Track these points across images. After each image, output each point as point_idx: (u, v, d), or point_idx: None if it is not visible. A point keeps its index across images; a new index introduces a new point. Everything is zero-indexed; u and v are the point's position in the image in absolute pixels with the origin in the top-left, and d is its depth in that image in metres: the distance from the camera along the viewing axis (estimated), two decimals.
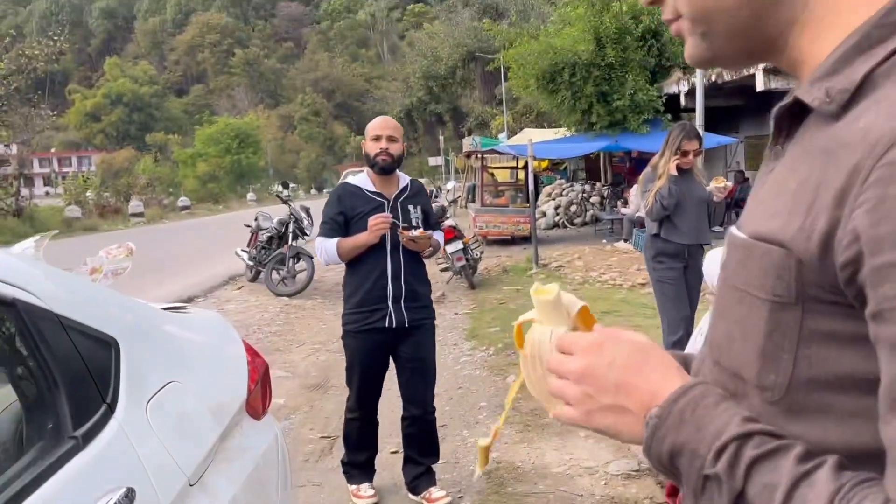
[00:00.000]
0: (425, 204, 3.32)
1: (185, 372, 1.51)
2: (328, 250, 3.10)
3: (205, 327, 1.84)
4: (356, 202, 3.13)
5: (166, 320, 1.65)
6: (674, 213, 4.30)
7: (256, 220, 10.29)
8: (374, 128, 3.17)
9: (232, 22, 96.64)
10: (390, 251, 3.10)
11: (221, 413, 1.56)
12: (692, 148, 4.29)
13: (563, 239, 14.58)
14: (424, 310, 3.23)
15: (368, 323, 3.08)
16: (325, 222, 3.17)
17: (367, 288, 3.07)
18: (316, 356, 6.23)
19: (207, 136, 48.02)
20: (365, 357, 3.16)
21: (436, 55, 41.54)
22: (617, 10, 15.05)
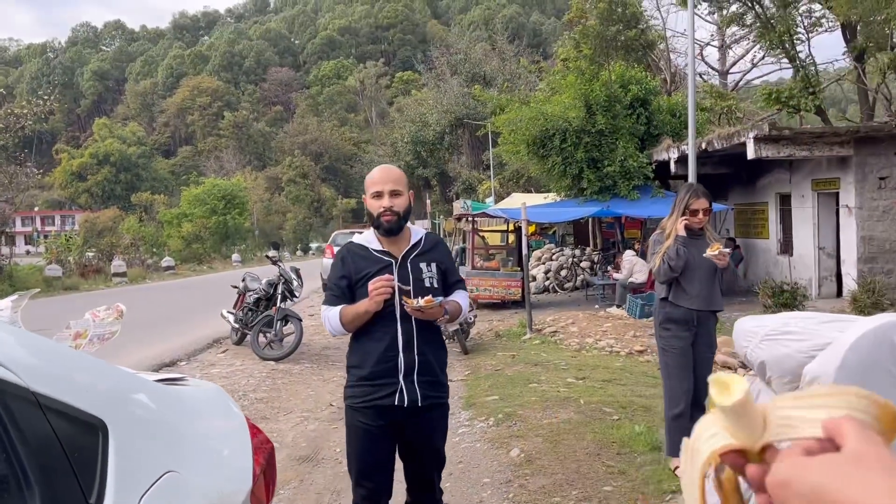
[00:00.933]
0: (442, 260, 2.85)
1: (183, 459, 1.27)
2: (331, 320, 2.71)
3: (205, 403, 1.59)
4: (361, 263, 2.73)
5: (163, 396, 1.42)
6: (683, 276, 4.12)
7: (244, 281, 10.04)
8: (373, 182, 2.73)
9: (222, 86, 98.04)
10: (400, 318, 2.68)
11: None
12: (701, 207, 4.13)
13: (553, 303, 14.39)
14: (440, 387, 2.78)
15: (375, 399, 2.65)
16: (329, 288, 2.80)
17: (375, 360, 2.65)
18: (304, 425, 5.91)
19: (194, 196, 47.92)
20: (368, 440, 2.69)
21: (424, 121, 42.17)
22: (606, 79, 15.33)
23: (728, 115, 19.83)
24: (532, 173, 18.83)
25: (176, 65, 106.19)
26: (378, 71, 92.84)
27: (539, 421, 5.32)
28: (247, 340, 9.37)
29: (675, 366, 4.17)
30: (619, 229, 17.49)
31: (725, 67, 26.39)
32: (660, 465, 4.20)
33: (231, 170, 71.04)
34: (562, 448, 4.63)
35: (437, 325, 2.79)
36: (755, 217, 15.54)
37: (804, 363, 2.24)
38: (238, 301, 10.07)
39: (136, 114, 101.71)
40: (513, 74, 35.74)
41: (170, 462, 1.22)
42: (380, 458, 2.73)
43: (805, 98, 14.72)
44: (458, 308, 2.82)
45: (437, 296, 2.69)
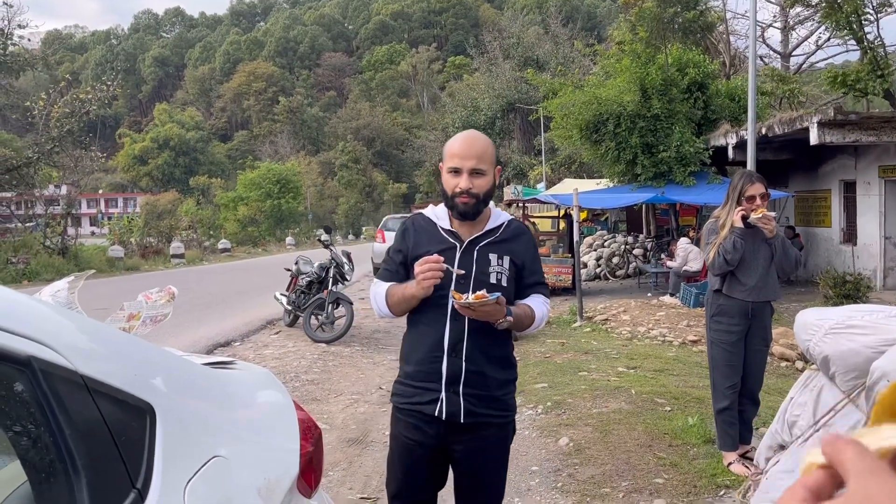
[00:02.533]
0: (521, 255, 2.32)
1: (230, 444, 1.28)
2: (377, 298, 2.31)
3: (253, 388, 1.60)
4: (423, 239, 2.30)
5: (211, 380, 1.42)
6: (738, 268, 3.97)
7: (297, 265, 10.18)
8: (453, 154, 2.22)
9: (277, 71, 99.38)
10: (451, 313, 2.20)
11: (271, 494, 1.31)
12: (757, 192, 3.89)
13: (604, 291, 14.20)
14: (495, 403, 2.23)
15: (414, 402, 2.24)
16: (384, 261, 2.41)
17: (419, 358, 2.24)
18: (354, 408, 5.97)
19: (249, 180, 48.79)
20: (407, 452, 2.26)
21: (475, 105, 41.99)
22: (662, 62, 14.96)
23: (790, 100, 19.14)
24: (584, 159, 18.56)
25: (233, 50, 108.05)
26: (430, 56, 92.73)
27: (589, 410, 5.25)
28: (299, 322, 9.52)
29: (722, 360, 4.06)
30: (674, 216, 17.12)
31: (788, 50, 25.45)
32: (713, 458, 4.10)
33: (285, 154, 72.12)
34: (612, 438, 4.57)
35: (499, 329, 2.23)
36: (817, 205, 15.01)
37: (872, 359, 2.14)
38: (291, 284, 10.22)
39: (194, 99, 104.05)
40: (566, 58, 35.24)
41: (216, 447, 1.23)
42: (420, 483, 2.30)
43: (873, 81, 14.05)
44: (528, 315, 2.27)
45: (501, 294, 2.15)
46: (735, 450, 4.02)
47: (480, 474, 2.28)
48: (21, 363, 0.90)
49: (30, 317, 0.98)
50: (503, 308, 2.15)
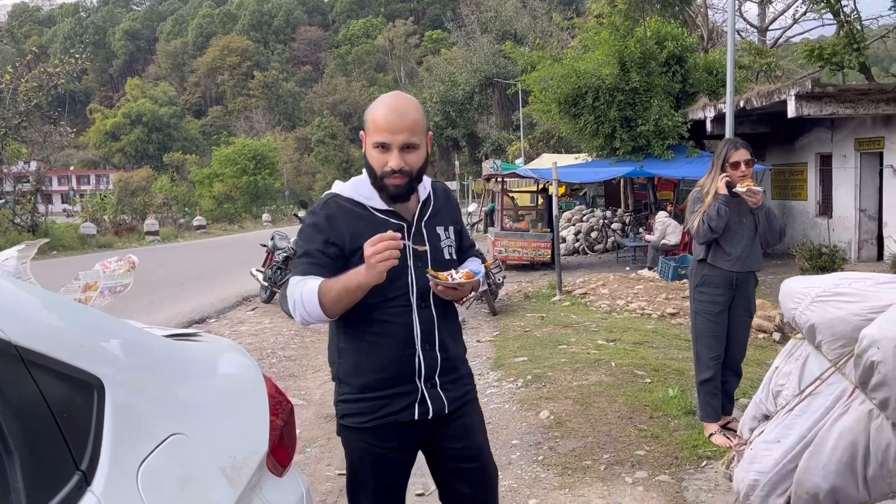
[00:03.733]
0: (457, 220, 2.14)
1: (191, 421, 1.18)
2: (306, 299, 1.83)
3: (219, 361, 1.50)
4: (358, 226, 1.91)
5: (171, 352, 1.32)
6: (723, 236, 3.93)
7: (273, 240, 10.04)
8: (379, 126, 1.88)
9: (252, 45, 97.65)
10: (417, 301, 1.93)
11: (237, 473, 1.22)
12: (741, 158, 3.81)
13: (583, 265, 14.22)
14: (465, 379, 2.09)
15: (386, 415, 1.93)
16: (303, 254, 1.94)
17: (384, 362, 1.92)
18: (332, 383, 5.88)
19: (224, 156, 48.12)
20: (382, 466, 1.99)
21: (453, 80, 41.72)
22: (641, 35, 14.87)
23: (767, 73, 19.18)
24: (563, 133, 18.48)
25: (206, 24, 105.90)
26: (407, 30, 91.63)
27: (569, 383, 5.22)
28: (276, 298, 9.41)
29: (706, 331, 4.02)
30: (652, 190, 17.16)
31: (765, 24, 25.51)
32: (695, 429, 4.09)
33: (261, 130, 71.22)
34: (592, 411, 4.54)
35: (463, 305, 2.16)
36: (793, 178, 15.10)
37: (860, 327, 2.09)
38: (267, 260, 10.09)
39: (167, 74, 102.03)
40: (544, 32, 35.01)
41: (175, 424, 1.14)
42: (399, 488, 2.08)
43: (849, 54, 14.08)
44: (478, 282, 2.02)
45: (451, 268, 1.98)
46: (717, 421, 4.01)
47: (473, 456, 2.09)
48: None
49: None
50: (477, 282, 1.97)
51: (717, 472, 3.45)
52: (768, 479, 2.33)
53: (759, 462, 2.39)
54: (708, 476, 3.45)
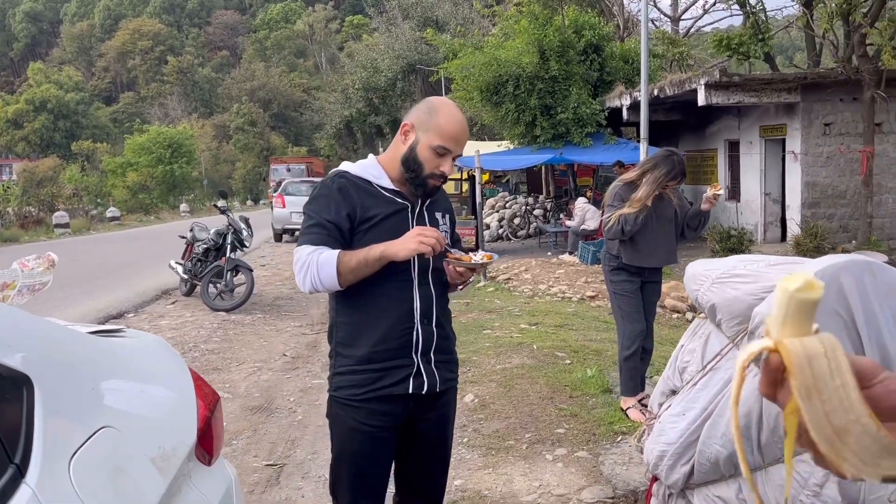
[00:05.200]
0: (451, 211, 2.28)
1: (120, 414, 1.21)
2: (322, 266, 1.92)
3: (144, 355, 1.52)
4: (368, 202, 2.02)
5: (96, 348, 1.34)
6: (640, 236, 4.10)
7: (192, 231, 9.79)
8: (446, 135, 2.01)
9: (164, 29, 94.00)
10: (418, 277, 2.04)
11: (167, 463, 1.26)
12: (673, 186, 4.10)
13: (507, 251, 14.48)
14: (454, 365, 2.21)
15: (381, 387, 2.01)
16: (315, 225, 1.99)
17: (383, 335, 2.00)
18: (258, 375, 5.85)
19: (138, 144, 46.29)
20: (369, 444, 2.05)
21: (375, 67, 41.31)
22: (559, 24, 15.16)
23: (680, 62, 19.89)
24: (486, 121, 18.68)
25: (114, 6, 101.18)
26: (327, 15, 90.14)
27: (493, 367, 5.37)
28: (196, 291, 9.20)
29: (629, 308, 4.21)
30: (572, 177, 17.58)
31: (678, 14, 26.39)
32: (611, 407, 4.30)
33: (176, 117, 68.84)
34: (515, 392, 4.69)
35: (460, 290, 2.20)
36: (705, 163, 15.77)
37: (753, 305, 2.27)
38: (186, 251, 9.84)
39: (72, 58, 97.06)
40: (466, 19, 35.12)
41: (104, 417, 1.16)
42: (384, 470, 2.13)
43: (755, 44, 14.77)
44: None
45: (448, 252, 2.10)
46: (636, 395, 4.22)
47: (440, 444, 2.21)
48: None
49: None
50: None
51: (630, 447, 3.65)
52: (674, 450, 2.50)
53: (665, 434, 2.56)
54: (623, 450, 3.65)
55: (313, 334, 7.38)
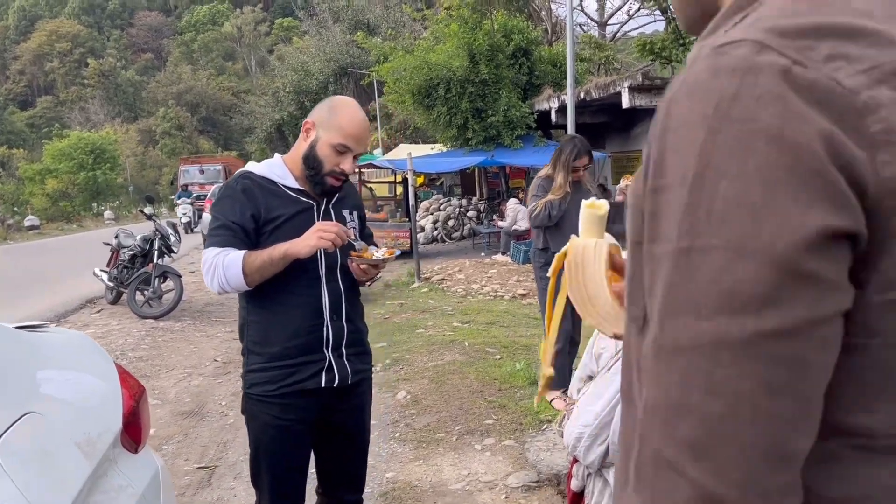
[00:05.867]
0: (360, 207, 2.32)
1: (45, 401, 1.25)
2: (228, 268, 1.93)
3: (68, 348, 1.55)
4: (273, 202, 2.04)
5: (20, 340, 1.37)
6: (561, 222, 4.30)
7: (117, 238, 9.54)
8: (345, 133, 2.04)
9: (84, 30, 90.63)
10: (326, 274, 2.07)
11: (92, 448, 1.30)
12: (582, 164, 4.33)
13: (442, 253, 14.61)
14: (367, 357, 2.27)
15: (293, 382, 2.04)
16: (220, 227, 2.00)
17: (293, 332, 2.04)
18: (188, 381, 5.78)
19: (58, 150, 44.46)
20: (285, 438, 2.09)
21: (306, 70, 40.92)
22: (489, 29, 15.41)
23: (606, 66, 20.45)
24: (418, 124, 18.81)
25: (29, 6, 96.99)
26: (256, 17, 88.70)
27: (425, 364, 5.46)
28: (123, 299, 8.98)
29: None
30: (504, 179, 17.88)
31: (604, 19, 27.08)
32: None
33: (99, 122, 66.46)
34: (446, 388, 4.80)
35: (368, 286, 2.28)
36: (630, 164, 16.29)
37: None
38: (112, 259, 9.58)
39: None
40: (397, 22, 35.19)
41: (29, 404, 1.20)
42: (302, 462, 2.18)
43: (676, 49, 15.32)
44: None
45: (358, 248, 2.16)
46: (563, 387, 4.38)
47: (357, 433, 2.27)
48: None
49: None
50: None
51: (554, 433, 3.80)
52: (590, 432, 2.64)
53: (582, 417, 2.70)
54: (547, 437, 3.80)
55: None
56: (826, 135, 0.52)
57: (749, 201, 0.53)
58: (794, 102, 0.53)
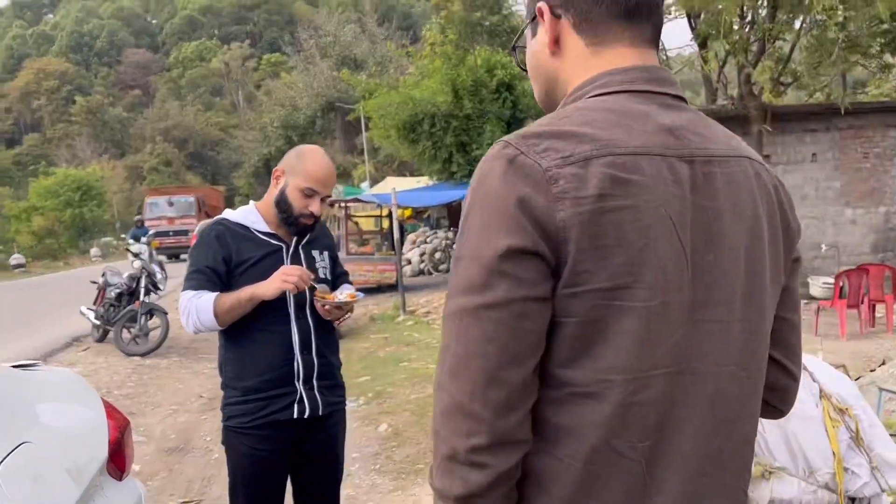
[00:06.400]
0: (331, 247, 2.46)
1: (38, 432, 1.37)
2: (200, 311, 2.11)
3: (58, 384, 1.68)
4: (244, 246, 2.22)
5: (14, 378, 1.49)
6: None
7: (104, 276, 9.61)
8: (311, 177, 2.22)
9: (72, 68, 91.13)
10: (295, 312, 2.22)
11: (81, 475, 1.42)
12: None
13: (428, 285, 14.72)
14: (339, 389, 2.39)
15: (267, 414, 2.18)
16: (195, 271, 2.20)
17: (265, 366, 2.18)
18: (174, 418, 5.84)
19: (44, 188, 44.41)
20: (261, 467, 2.22)
21: (294, 105, 41.36)
22: (472, 64, 15.76)
23: None
24: (404, 158, 19.08)
25: (17, 45, 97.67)
26: (244, 53, 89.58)
27: (407, 397, 5.56)
28: (110, 337, 9.01)
29: None
30: None
31: None
32: None
33: (86, 158, 66.50)
34: (427, 420, 4.89)
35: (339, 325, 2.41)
36: None
37: None
38: (98, 297, 9.63)
39: None
40: (384, 57, 35.75)
41: (24, 435, 1.33)
42: (278, 490, 2.31)
43: None
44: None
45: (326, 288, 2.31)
46: None
47: (330, 463, 2.38)
48: None
49: None
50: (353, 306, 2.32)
51: None
52: None
53: None
54: None
55: None
56: (521, 195, 0.87)
57: (478, 230, 0.88)
58: (510, 176, 0.88)
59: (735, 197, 0.95)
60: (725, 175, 0.95)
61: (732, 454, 0.97)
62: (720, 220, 0.93)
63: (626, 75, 0.98)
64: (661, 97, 0.98)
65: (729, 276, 0.93)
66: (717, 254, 0.92)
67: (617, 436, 0.88)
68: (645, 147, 0.90)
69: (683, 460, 0.91)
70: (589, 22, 1.00)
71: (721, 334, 0.93)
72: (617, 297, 0.86)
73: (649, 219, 0.87)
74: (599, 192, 0.85)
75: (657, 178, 0.89)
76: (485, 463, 0.86)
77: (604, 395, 0.87)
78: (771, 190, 1.01)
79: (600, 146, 0.88)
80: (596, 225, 0.85)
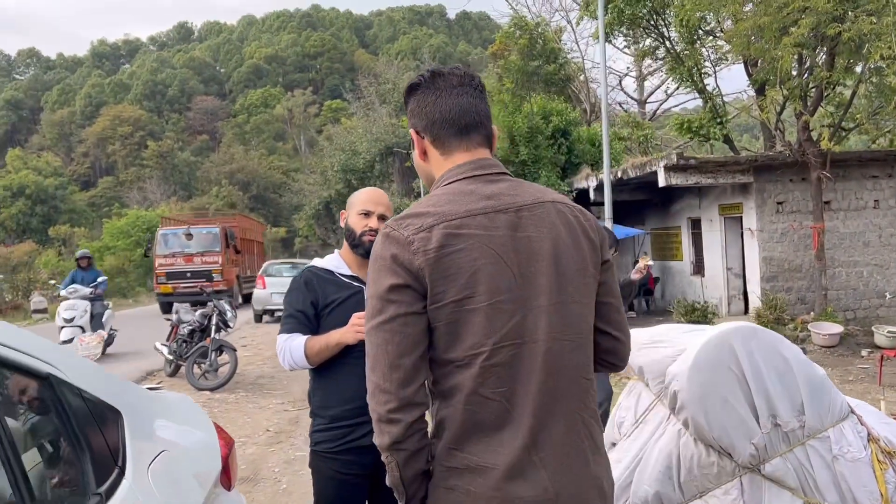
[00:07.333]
0: None
1: (171, 444, 1.65)
2: (294, 352, 2.43)
3: (180, 404, 1.97)
4: (328, 289, 2.53)
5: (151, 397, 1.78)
6: None
7: (177, 314, 10.13)
8: (362, 200, 2.60)
9: (145, 115, 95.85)
10: None
11: (204, 481, 1.69)
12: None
13: None
14: None
15: (349, 441, 2.41)
16: (289, 316, 2.52)
17: (349, 397, 2.41)
18: (242, 450, 6.13)
19: (116, 228, 46.62)
20: (343, 489, 2.44)
21: (354, 149, 42.36)
22: (528, 111, 16.13)
23: (643, 144, 20.91)
24: None
25: (95, 93, 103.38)
26: (306, 99, 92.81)
27: None
28: (181, 372, 9.46)
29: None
30: None
31: (644, 97, 27.62)
32: None
33: (155, 200, 69.36)
34: None
35: None
36: (670, 240, 16.50)
37: (670, 365, 2.74)
38: (172, 333, 10.14)
39: (52, 144, 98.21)
40: None
41: (163, 444, 1.60)
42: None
43: (714, 127, 15.60)
44: None
45: None
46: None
47: None
48: (42, 377, 1.25)
49: (42, 347, 1.33)
50: None
51: None
52: None
53: None
54: None
55: (295, 410, 7.68)
56: (393, 253, 1.36)
57: (374, 278, 1.38)
58: (386, 245, 1.39)
59: (542, 228, 1.43)
60: (534, 216, 1.43)
61: (566, 390, 1.42)
62: (535, 243, 1.41)
63: (460, 169, 1.49)
64: (486, 176, 1.47)
65: (546, 277, 1.41)
66: (536, 265, 1.40)
67: (482, 386, 1.36)
68: (469, 211, 1.39)
69: (531, 396, 1.38)
70: (439, 140, 1.52)
71: (546, 315, 1.39)
72: (464, 304, 1.34)
73: (476, 253, 1.36)
74: (439, 244, 1.34)
75: (480, 227, 1.37)
76: (398, 419, 1.36)
77: (471, 363, 1.35)
78: (571, 218, 1.48)
79: (438, 217, 1.38)
80: (440, 264, 1.34)
